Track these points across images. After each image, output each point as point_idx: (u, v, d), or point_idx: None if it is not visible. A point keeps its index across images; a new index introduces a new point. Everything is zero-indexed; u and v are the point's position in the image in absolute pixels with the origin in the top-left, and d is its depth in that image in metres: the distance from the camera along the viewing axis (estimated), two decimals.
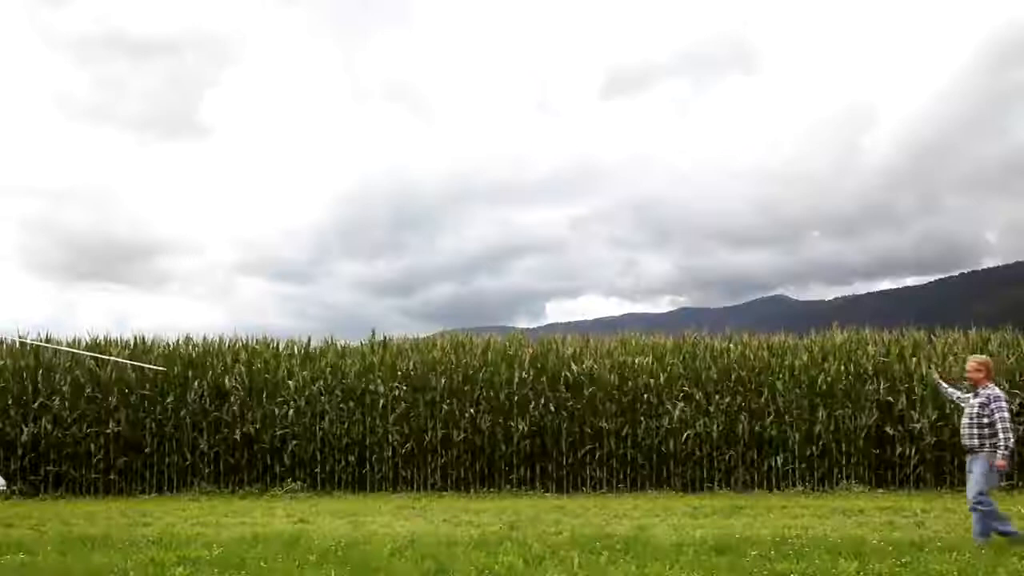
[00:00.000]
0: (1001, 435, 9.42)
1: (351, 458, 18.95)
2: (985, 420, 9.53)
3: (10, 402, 18.91)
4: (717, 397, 18.94)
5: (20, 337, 19.67)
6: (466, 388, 19.20)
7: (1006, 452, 9.40)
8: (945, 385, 10.89)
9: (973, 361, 10.13)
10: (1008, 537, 9.33)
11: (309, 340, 20.83)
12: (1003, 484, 17.45)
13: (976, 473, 9.61)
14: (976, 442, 9.58)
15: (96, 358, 18.95)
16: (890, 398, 18.59)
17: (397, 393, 19.17)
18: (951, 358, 18.57)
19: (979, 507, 9.55)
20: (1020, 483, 17.69)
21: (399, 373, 19.54)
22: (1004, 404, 9.54)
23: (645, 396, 18.98)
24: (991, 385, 9.80)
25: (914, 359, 19.02)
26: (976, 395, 9.78)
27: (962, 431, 9.82)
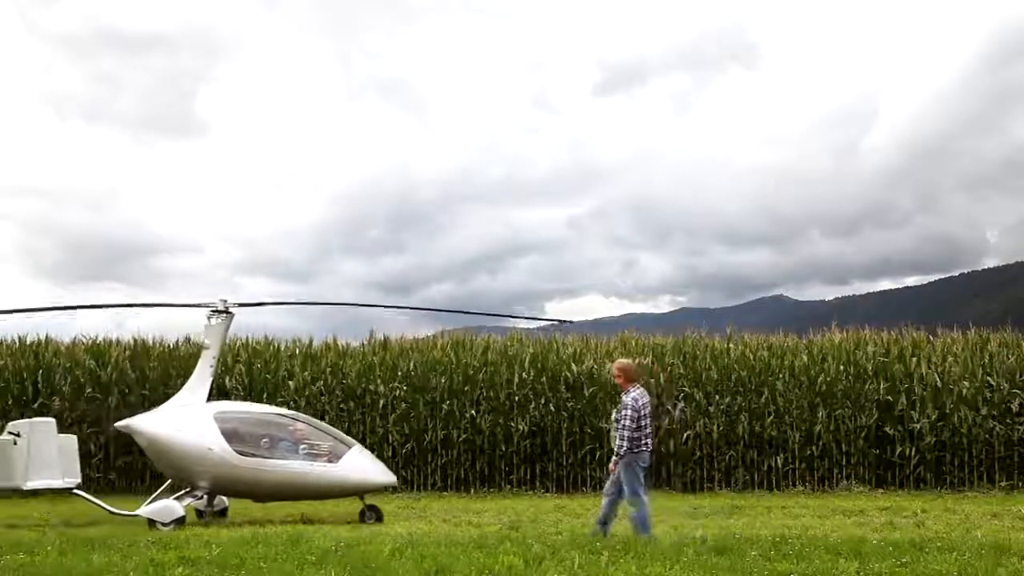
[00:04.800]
0: (617, 440, 9.92)
1: None
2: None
3: (10, 402, 18.91)
4: (717, 397, 18.94)
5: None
6: (466, 388, 19.21)
7: (616, 458, 9.93)
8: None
9: (614, 366, 10.55)
10: (643, 533, 9.79)
11: (311, 340, 20.86)
12: (1003, 484, 17.55)
13: (622, 475, 10.01)
14: (619, 442, 10.01)
15: None
16: (890, 398, 18.59)
17: (397, 393, 19.18)
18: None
19: (633, 507, 9.98)
20: (1020, 483, 17.72)
21: (399, 373, 19.55)
22: (628, 412, 9.88)
23: None
24: (631, 389, 10.10)
25: (914, 359, 19.03)
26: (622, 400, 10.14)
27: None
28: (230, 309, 14.09)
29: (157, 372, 19.64)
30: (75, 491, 13.58)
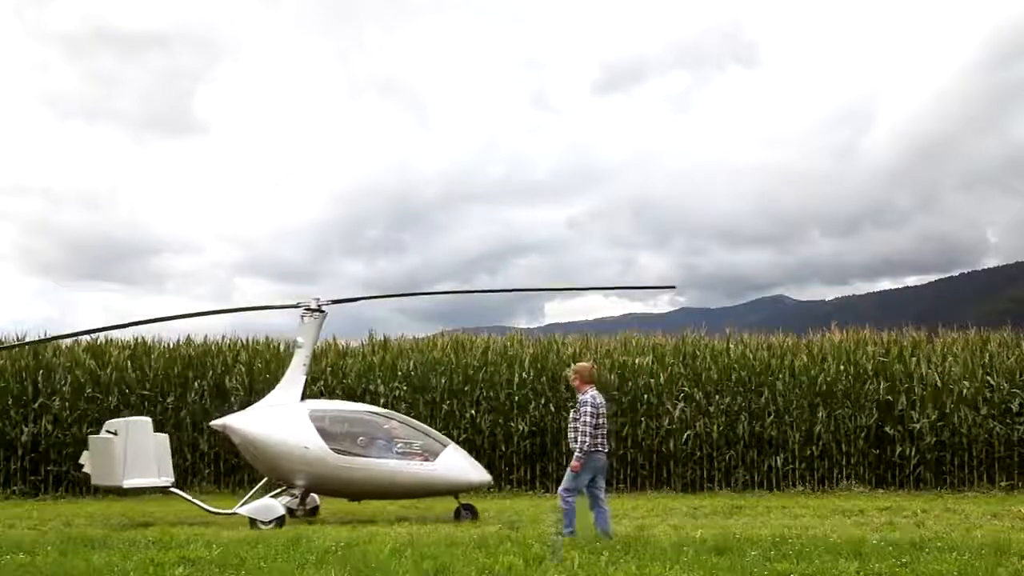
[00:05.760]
0: (578, 439, 10.07)
1: None
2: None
3: (10, 402, 18.91)
4: (717, 397, 18.94)
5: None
6: (466, 388, 19.21)
7: (579, 455, 10.04)
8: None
9: (570, 370, 10.88)
10: (567, 533, 9.95)
11: None
12: (1003, 484, 17.55)
13: (568, 472, 10.23)
14: (572, 445, 10.22)
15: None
16: (890, 398, 18.59)
17: (397, 393, 19.17)
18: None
19: (563, 502, 10.15)
20: (1020, 483, 17.71)
21: (399, 373, 19.55)
22: (587, 409, 10.09)
23: (645, 396, 18.98)
24: (587, 390, 10.29)
25: (914, 359, 19.02)
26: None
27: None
28: (323, 307, 14.06)
29: (157, 372, 19.65)
30: (171, 489, 13.64)
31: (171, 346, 20.41)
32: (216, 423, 14.14)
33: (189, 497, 13.61)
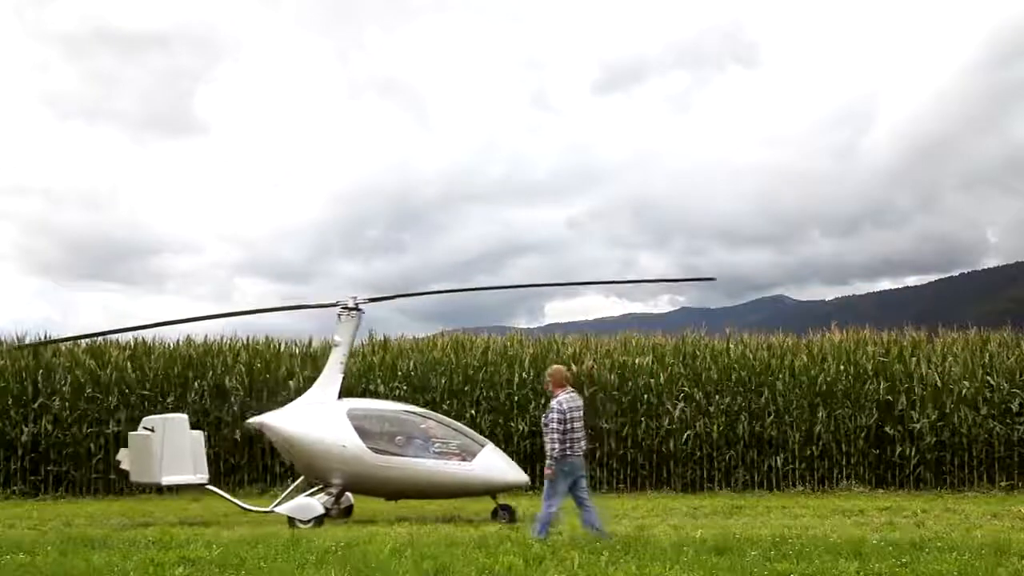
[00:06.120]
0: (547, 445, 9.96)
1: None
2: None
3: (10, 402, 18.90)
4: (717, 397, 18.93)
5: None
6: (466, 388, 19.21)
7: (549, 461, 9.90)
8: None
9: (546, 374, 10.71)
10: (537, 533, 9.85)
11: (310, 340, 20.86)
12: (1003, 484, 17.55)
13: (546, 482, 10.15)
14: (546, 448, 10.10)
15: None
16: (890, 398, 18.58)
17: (397, 393, 19.16)
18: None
19: (547, 508, 10.05)
20: (1020, 483, 17.71)
21: (399, 373, 19.55)
22: (553, 415, 9.95)
23: (645, 396, 18.97)
24: (558, 393, 10.18)
25: (914, 359, 19.02)
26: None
27: None
28: (360, 306, 14.05)
29: (157, 372, 19.64)
30: (208, 487, 13.65)
31: (171, 346, 20.40)
32: (252, 421, 14.12)
33: (225, 494, 13.67)
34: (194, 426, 18.96)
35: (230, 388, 19.39)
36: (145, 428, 13.29)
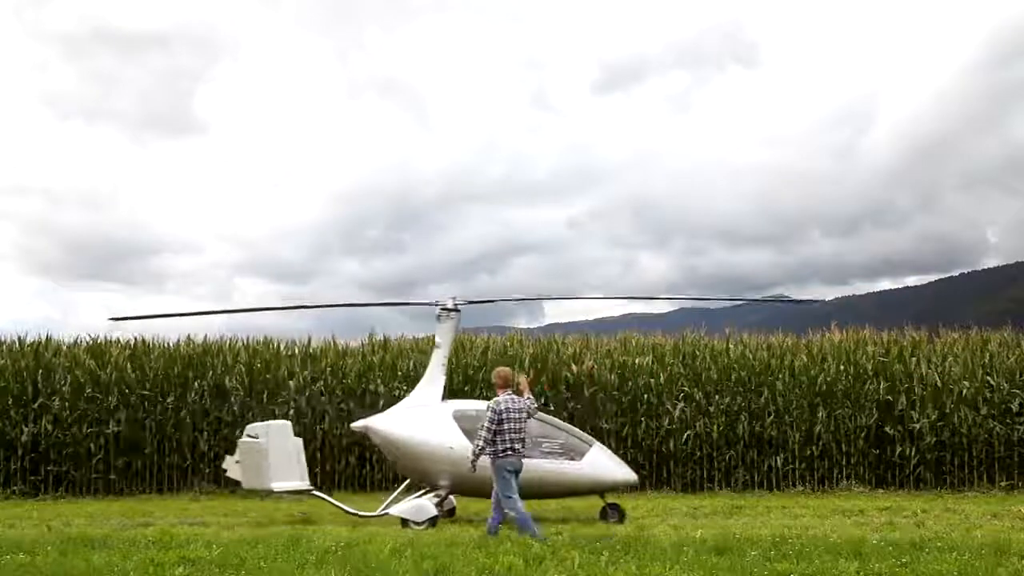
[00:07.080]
0: (472, 442, 10.43)
1: (351, 458, 18.95)
2: None
3: (10, 402, 18.88)
4: (717, 397, 18.93)
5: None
6: (466, 388, 19.18)
7: (472, 458, 10.37)
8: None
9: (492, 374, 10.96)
10: (490, 531, 10.29)
11: (309, 340, 20.85)
12: (1003, 484, 17.55)
13: (494, 481, 10.44)
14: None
15: None
16: (890, 398, 18.58)
17: (397, 393, 19.12)
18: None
19: (509, 510, 10.27)
20: (1020, 483, 17.71)
21: (399, 373, 19.54)
22: (488, 415, 10.28)
23: (645, 396, 18.97)
24: (500, 394, 10.41)
25: (914, 359, 19.02)
26: None
27: None
28: (459, 306, 14.02)
29: (157, 372, 19.63)
30: (313, 492, 13.69)
31: (171, 346, 20.38)
32: (357, 425, 14.03)
33: (331, 500, 13.64)
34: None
35: (230, 388, 19.38)
36: (249, 436, 13.27)
